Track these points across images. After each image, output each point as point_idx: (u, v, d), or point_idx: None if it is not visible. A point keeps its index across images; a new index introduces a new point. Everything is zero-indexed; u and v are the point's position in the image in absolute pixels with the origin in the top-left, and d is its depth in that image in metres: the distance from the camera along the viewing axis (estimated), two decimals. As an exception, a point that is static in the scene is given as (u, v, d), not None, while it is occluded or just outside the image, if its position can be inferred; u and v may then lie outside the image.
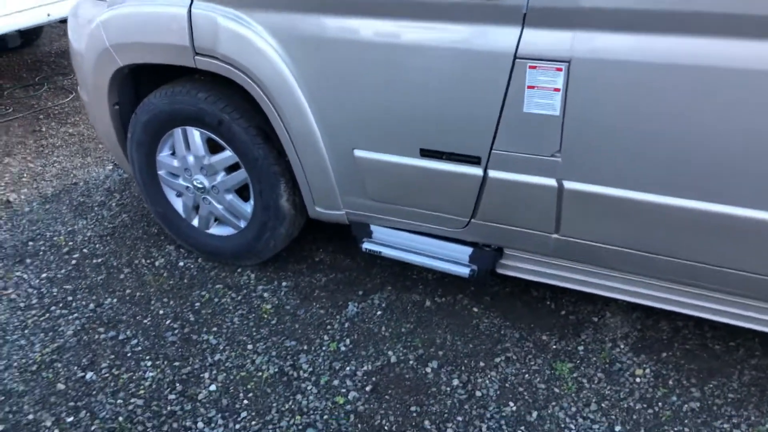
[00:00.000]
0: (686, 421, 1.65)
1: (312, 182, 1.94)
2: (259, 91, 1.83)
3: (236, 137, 2.00)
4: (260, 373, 1.83)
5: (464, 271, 1.88)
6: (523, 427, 1.64)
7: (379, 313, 2.07)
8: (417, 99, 1.63)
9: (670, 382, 1.77)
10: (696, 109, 1.34)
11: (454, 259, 1.92)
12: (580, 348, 1.90)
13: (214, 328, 2.01)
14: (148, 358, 1.89)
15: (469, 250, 1.89)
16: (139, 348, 1.93)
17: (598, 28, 1.38)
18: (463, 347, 1.91)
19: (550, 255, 1.78)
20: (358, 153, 1.80)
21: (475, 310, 2.07)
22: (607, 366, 1.83)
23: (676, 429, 1.62)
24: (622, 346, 1.91)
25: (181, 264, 2.35)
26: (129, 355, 1.90)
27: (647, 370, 1.81)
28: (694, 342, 1.92)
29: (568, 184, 1.57)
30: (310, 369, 1.84)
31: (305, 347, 1.92)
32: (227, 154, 2.07)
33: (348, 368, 1.84)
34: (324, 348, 1.92)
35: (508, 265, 1.93)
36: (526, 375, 1.81)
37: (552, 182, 1.58)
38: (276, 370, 1.84)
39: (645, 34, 1.34)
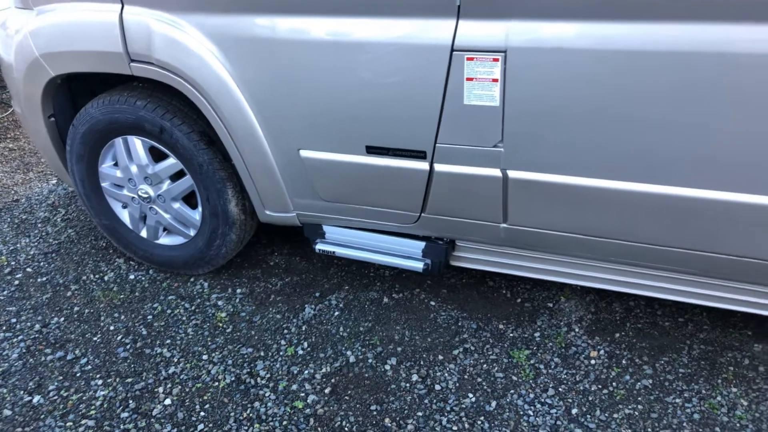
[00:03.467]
0: (639, 398, 1.68)
1: (259, 185, 1.91)
2: (198, 96, 1.78)
3: (179, 144, 1.95)
4: (216, 383, 1.79)
5: (418, 266, 1.88)
6: (482, 418, 1.65)
7: (336, 313, 2.05)
8: (359, 96, 1.62)
9: (624, 362, 1.81)
10: (630, 94, 1.37)
11: (407, 255, 1.92)
12: (537, 334, 1.93)
13: (168, 341, 1.96)
14: (98, 376, 1.83)
15: (421, 244, 1.89)
16: (89, 367, 1.87)
17: (531, 17, 1.39)
18: (422, 342, 1.92)
19: (501, 244, 1.80)
20: (304, 153, 1.78)
21: (433, 303, 2.08)
22: (563, 350, 1.86)
23: (630, 407, 1.66)
24: (577, 330, 1.94)
25: (132, 277, 2.28)
26: (78, 375, 1.84)
27: (601, 352, 1.85)
28: (645, 320, 1.96)
29: (513, 174, 1.58)
30: (268, 375, 1.81)
31: (262, 353, 1.89)
32: (171, 162, 2.02)
33: (306, 372, 1.82)
34: (281, 353, 1.89)
35: (461, 257, 1.94)
36: (485, 365, 1.82)
37: (496, 172, 1.59)
38: (233, 378, 1.80)
39: (578, 21, 1.36)
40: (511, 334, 1.93)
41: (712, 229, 1.47)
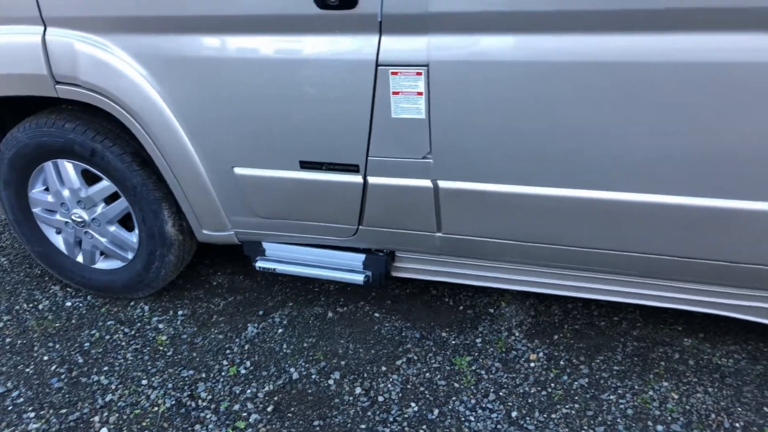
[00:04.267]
0: (576, 397, 1.73)
1: (195, 205, 1.89)
2: (128, 117, 1.76)
3: (111, 166, 1.91)
4: (156, 408, 1.75)
5: (359, 279, 1.89)
6: (425, 426, 1.66)
7: (280, 330, 2.04)
8: (290, 112, 1.63)
9: (562, 363, 1.86)
10: (548, 103, 1.42)
11: (348, 268, 1.93)
12: (478, 340, 1.96)
13: (106, 368, 1.91)
14: (31, 409, 1.76)
15: (362, 257, 1.91)
16: (21, 399, 1.80)
17: (450, 31, 1.43)
18: (366, 354, 1.92)
19: (439, 253, 1.83)
20: (239, 171, 1.77)
21: (377, 315, 2.09)
22: (503, 355, 1.90)
23: (567, 407, 1.70)
24: (517, 334, 1.98)
25: (69, 304, 2.21)
26: (10, 408, 1.77)
27: (540, 354, 1.89)
28: (582, 321, 2.02)
29: (443, 184, 1.61)
30: (209, 397, 1.78)
31: (203, 375, 1.86)
32: (105, 184, 1.98)
33: (249, 391, 1.79)
34: (223, 373, 1.86)
35: (401, 267, 1.96)
36: (427, 374, 1.84)
37: (427, 183, 1.62)
38: (173, 402, 1.76)
39: (495, 34, 1.41)
40: (453, 342, 1.96)
41: (636, 230, 1.53)
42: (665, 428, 1.62)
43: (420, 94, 1.50)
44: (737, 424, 1.62)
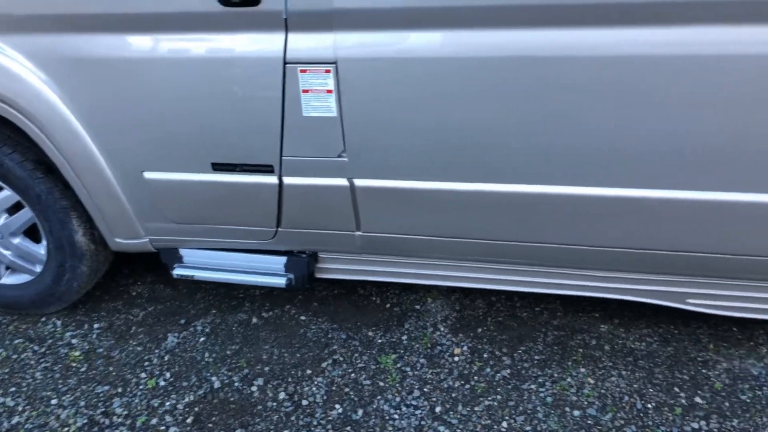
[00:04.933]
0: (498, 389, 1.76)
1: (105, 212, 1.80)
2: (26, 122, 1.66)
3: (12, 174, 1.80)
4: (66, 429, 1.66)
5: (280, 282, 1.85)
6: (349, 428, 1.64)
7: (202, 339, 1.97)
8: (198, 113, 1.58)
9: (485, 355, 1.88)
10: (456, 99, 1.43)
11: (269, 272, 1.89)
12: (404, 337, 1.96)
13: (12, 389, 1.79)
14: (-74, 438, 1.64)
15: (283, 259, 1.87)
16: None
17: (356, 28, 1.43)
18: (291, 358, 1.89)
19: (360, 252, 1.82)
20: (148, 175, 1.71)
21: (303, 318, 2.06)
22: (428, 350, 1.91)
23: (489, 398, 1.73)
24: (442, 329, 2.00)
25: (-28, 323, 2.07)
26: None
27: (464, 348, 1.92)
28: (505, 313, 2.06)
29: (359, 182, 1.60)
30: (125, 412, 1.70)
31: (120, 390, 1.78)
32: (6, 194, 1.86)
33: (168, 403, 1.73)
34: (141, 387, 1.79)
35: (325, 268, 1.94)
36: (353, 374, 1.82)
37: (344, 182, 1.61)
38: (85, 421, 1.68)
39: (400, 30, 1.41)
40: (379, 340, 1.95)
41: (549, 222, 1.57)
42: (581, 413, 1.67)
43: (330, 91, 1.49)
44: (649, 405, 1.69)
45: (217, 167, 1.66)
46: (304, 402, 1.73)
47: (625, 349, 1.88)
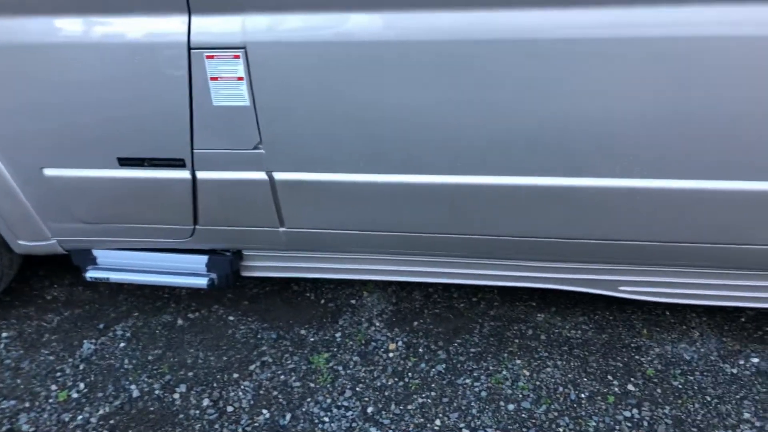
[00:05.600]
0: (433, 385, 1.71)
1: (4, 213, 1.66)
2: None
3: None
4: (-35, 450, 1.53)
5: (202, 282, 1.75)
6: (276, 433, 1.57)
7: (122, 344, 1.85)
8: (100, 104, 1.44)
9: (420, 350, 1.83)
10: (374, 85, 1.35)
11: (190, 271, 1.78)
12: (338, 335, 1.89)
13: None
14: None
15: (204, 258, 1.76)
16: None
17: (266, 9, 1.32)
18: (217, 362, 1.79)
19: (286, 249, 1.73)
20: (49, 172, 1.56)
21: (232, 318, 1.96)
22: (362, 347, 1.84)
23: (423, 396, 1.68)
24: (377, 324, 1.93)
25: None
26: None
27: (400, 343, 1.86)
28: (442, 305, 2.01)
29: (278, 175, 1.51)
30: (33, 429, 1.58)
31: (27, 404, 1.65)
32: None
33: (80, 417, 1.61)
34: (51, 400, 1.66)
35: (251, 266, 1.84)
36: (282, 376, 1.74)
37: (262, 176, 1.51)
38: (-14, 441, 1.55)
39: (316, 12, 1.31)
40: (312, 339, 1.87)
41: (477, 213, 1.51)
42: (516, 406, 1.64)
43: (241, 79, 1.38)
44: (582, 395, 1.67)
45: (124, 162, 1.53)
46: (230, 408, 1.64)
47: (561, 338, 1.86)
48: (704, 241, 1.47)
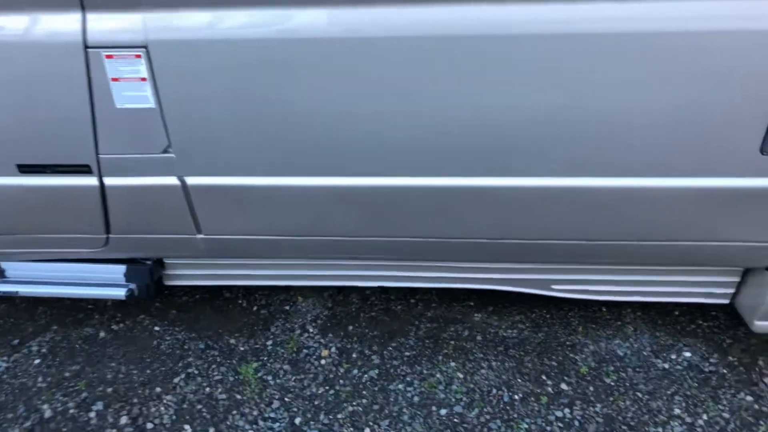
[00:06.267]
0: (365, 392, 1.66)
1: None
2: None
3: None
4: None
5: (119, 293, 1.66)
6: (197, 450, 1.50)
7: (37, 361, 1.75)
8: (-6, 107, 1.35)
9: (354, 356, 1.78)
10: (283, 84, 1.28)
11: (108, 282, 1.69)
12: (269, 343, 1.83)
13: None
14: None
15: (122, 268, 1.68)
16: None
17: (168, 7, 1.24)
18: (139, 375, 1.71)
19: (206, 256, 1.65)
20: (-58, 181, 1.46)
21: (158, 328, 1.87)
22: (294, 355, 1.78)
23: (354, 404, 1.63)
24: (311, 330, 1.87)
25: None
26: None
27: (333, 349, 1.80)
28: (379, 308, 1.96)
29: (191, 180, 1.43)
30: (-68, 457, 1.48)
31: (-72, 431, 1.54)
32: None
33: (-14, 442, 1.52)
34: (-45, 425, 1.56)
35: (174, 275, 1.76)
36: (207, 388, 1.67)
37: (174, 180, 1.43)
38: None
39: (220, 9, 1.24)
40: (241, 348, 1.80)
41: (398, 215, 1.46)
42: (448, 411, 1.60)
43: (144, 80, 1.30)
44: (516, 396, 1.64)
45: (25, 169, 1.43)
46: (149, 425, 1.56)
47: (497, 339, 1.83)
48: (630, 239, 1.46)
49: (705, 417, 1.58)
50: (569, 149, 1.30)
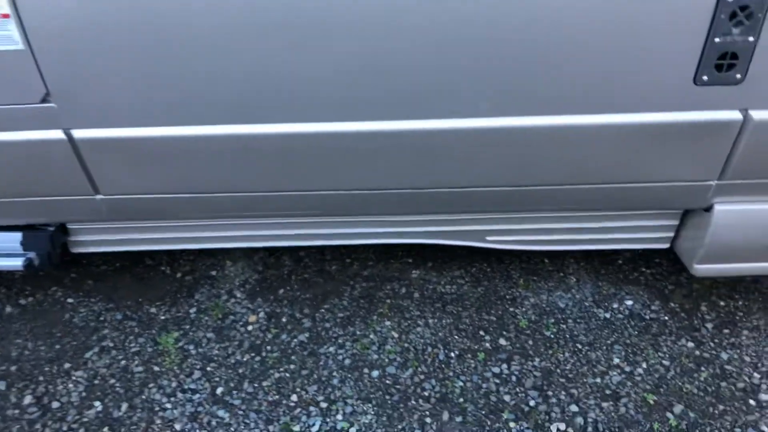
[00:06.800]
0: (293, 357, 1.56)
1: None
2: None
3: None
4: None
5: (16, 264, 1.50)
6: (107, 428, 1.38)
7: (-67, 341, 1.60)
8: None
9: (283, 320, 1.68)
10: (171, 17, 1.13)
11: (3, 251, 1.53)
12: (192, 310, 1.71)
13: None
14: None
15: (18, 235, 1.52)
16: None
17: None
18: (48, 351, 1.57)
19: (110, 219, 1.51)
20: None
21: (71, 301, 1.73)
22: (219, 322, 1.67)
23: (281, 370, 1.53)
24: (238, 296, 1.76)
25: None
26: None
27: (261, 314, 1.69)
28: (312, 269, 1.86)
29: (78, 133, 1.27)
30: None
31: None
32: None
33: None
34: None
35: (80, 241, 1.61)
36: (123, 361, 1.55)
37: (59, 134, 1.27)
38: None
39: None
40: (162, 317, 1.68)
41: (307, 165, 1.34)
42: (381, 372, 1.52)
43: (6, 16, 1.13)
44: (452, 354, 1.57)
45: None
46: (55, 404, 1.43)
47: (434, 295, 1.75)
48: (563, 183, 1.37)
49: (644, 365, 1.53)
50: (492, 86, 1.18)
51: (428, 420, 1.41)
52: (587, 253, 1.88)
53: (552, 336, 1.61)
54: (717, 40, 1.13)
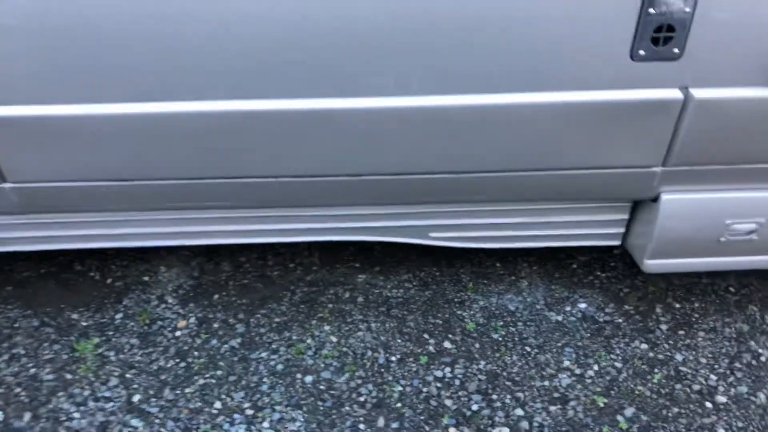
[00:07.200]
0: (221, 363, 1.45)
1: None
2: None
3: None
4: None
5: None
6: (3, 440, 1.25)
7: None
8: None
9: (215, 325, 1.56)
10: None
11: None
12: (118, 316, 1.58)
13: None
14: None
15: None
16: None
17: None
18: (-49, 360, 1.44)
19: (23, 212, 1.40)
20: None
21: (-15, 307, 1.61)
22: (145, 328, 1.55)
23: (207, 376, 1.41)
24: (170, 301, 1.64)
25: None
26: None
27: (192, 320, 1.58)
28: (253, 275, 1.75)
29: (-23, 111, 1.19)
30: None
31: None
32: None
33: None
34: None
35: (-7, 239, 1.50)
36: (33, 369, 1.42)
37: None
38: None
39: None
40: (84, 324, 1.56)
41: (229, 149, 1.26)
42: (315, 378, 1.41)
43: None
44: (393, 358, 1.47)
45: None
46: (-51, 416, 1.30)
47: (380, 299, 1.65)
48: (499, 170, 1.30)
49: (596, 367, 1.44)
50: (419, 62, 1.12)
51: (362, 426, 1.30)
52: (541, 257, 1.81)
53: (500, 339, 1.52)
54: (651, 10, 1.09)
